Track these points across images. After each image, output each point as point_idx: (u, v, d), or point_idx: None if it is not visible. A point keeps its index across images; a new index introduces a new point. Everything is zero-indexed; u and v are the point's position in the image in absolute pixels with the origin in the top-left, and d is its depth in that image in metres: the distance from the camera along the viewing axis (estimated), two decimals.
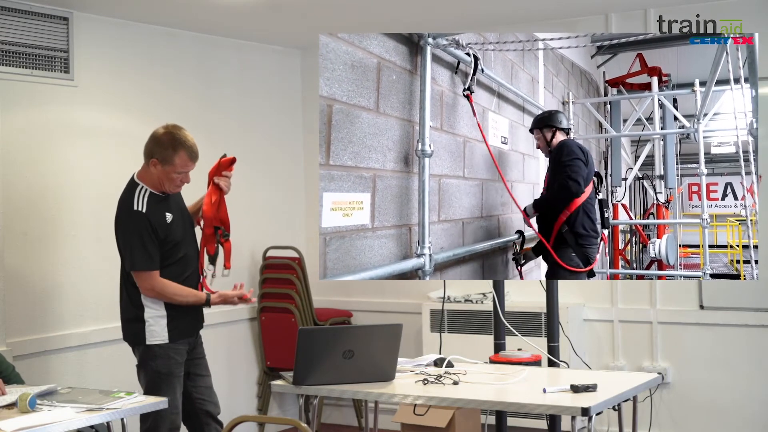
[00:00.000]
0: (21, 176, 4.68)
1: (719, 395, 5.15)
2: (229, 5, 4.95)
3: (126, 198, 3.89)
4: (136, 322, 3.88)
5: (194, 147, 3.89)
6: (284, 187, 6.32)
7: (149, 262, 3.83)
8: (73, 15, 4.87)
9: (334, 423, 6.27)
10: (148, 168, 3.89)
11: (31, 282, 4.72)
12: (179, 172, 3.87)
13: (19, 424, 2.98)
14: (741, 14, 4.62)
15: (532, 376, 3.68)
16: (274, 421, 6.28)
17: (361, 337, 3.60)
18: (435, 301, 5.66)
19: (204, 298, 3.93)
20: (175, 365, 3.90)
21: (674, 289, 5.28)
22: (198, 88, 5.66)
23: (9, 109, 4.63)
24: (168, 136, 3.86)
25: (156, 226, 3.84)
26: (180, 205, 4.07)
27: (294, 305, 5.85)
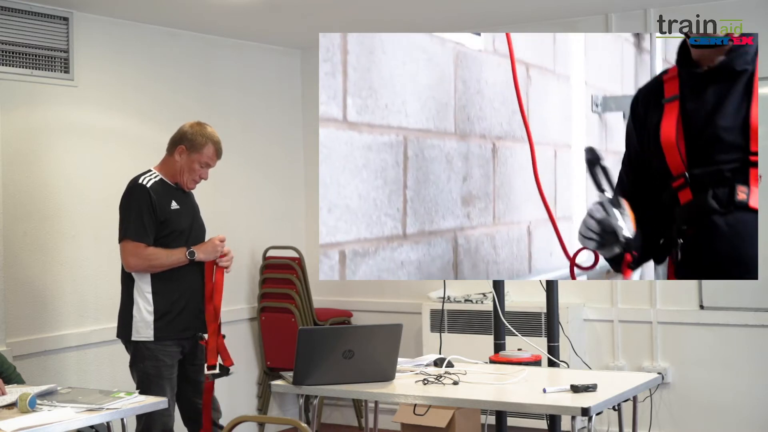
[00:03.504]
0: (21, 176, 4.68)
1: (719, 395, 5.15)
2: (229, 5, 4.95)
3: (133, 178, 3.94)
4: (126, 315, 3.89)
5: (221, 143, 4.02)
6: (284, 187, 6.32)
7: (143, 234, 3.82)
8: (73, 15, 4.87)
9: (334, 423, 6.27)
10: (171, 158, 3.96)
11: (31, 282, 4.72)
12: (203, 163, 3.94)
13: (19, 424, 2.98)
14: (741, 14, 4.61)
15: (532, 376, 3.68)
16: (274, 421, 6.28)
17: (361, 337, 3.60)
18: (435, 301, 5.66)
19: (185, 251, 3.88)
20: (164, 367, 3.88)
21: (674, 289, 5.28)
22: (198, 88, 5.66)
23: (9, 109, 4.63)
24: (199, 127, 3.99)
25: (157, 204, 3.85)
26: (194, 206, 4.07)
27: (294, 305, 5.85)
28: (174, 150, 3.95)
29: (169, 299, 3.89)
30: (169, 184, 3.95)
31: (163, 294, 3.88)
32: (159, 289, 3.88)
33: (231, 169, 5.85)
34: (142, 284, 3.88)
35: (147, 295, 3.86)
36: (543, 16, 5.47)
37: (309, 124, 6.37)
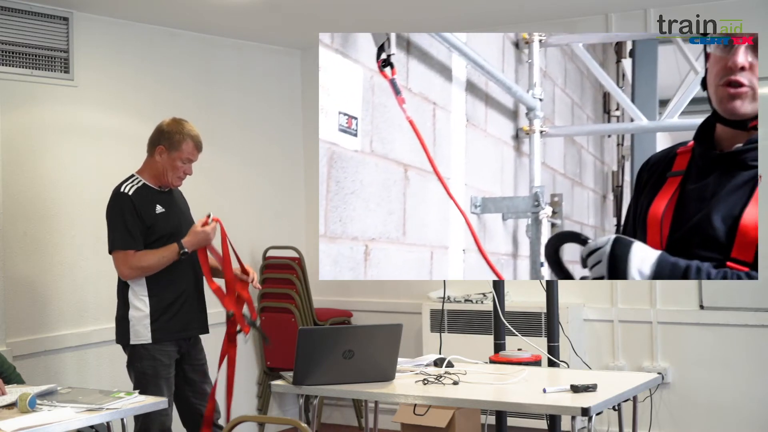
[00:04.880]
0: (21, 176, 4.68)
1: (719, 395, 5.15)
2: (229, 5, 4.95)
3: (115, 186, 3.93)
4: (123, 321, 3.88)
5: (199, 137, 3.98)
6: (284, 187, 6.32)
7: (130, 241, 3.82)
8: (73, 15, 4.87)
9: (334, 423, 6.27)
10: (152, 158, 3.94)
11: (31, 282, 4.72)
12: (185, 160, 3.92)
13: (19, 424, 2.98)
14: (741, 14, 4.62)
15: (532, 376, 3.68)
16: (274, 421, 6.28)
17: (361, 337, 3.60)
18: (435, 301, 5.66)
19: (176, 248, 3.85)
20: (161, 367, 3.87)
21: (674, 289, 5.28)
22: (198, 88, 5.66)
23: (9, 109, 4.63)
24: (175, 125, 3.95)
25: (141, 210, 3.84)
26: (180, 205, 4.07)
27: (294, 305, 5.85)
28: (154, 151, 3.93)
29: (166, 301, 3.89)
30: (151, 187, 3.93)
31: (159, 296, 3.88)
32: (155, 292, 3.87)
33: (231, 169, 5.86)
34: (138, 288, 3.87)
35: (143, 298, 3.86)
36: (543, 16, 5.47)
37: (309, 124, 6.37)
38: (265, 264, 6.01)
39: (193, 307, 3.97)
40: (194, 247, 3.88)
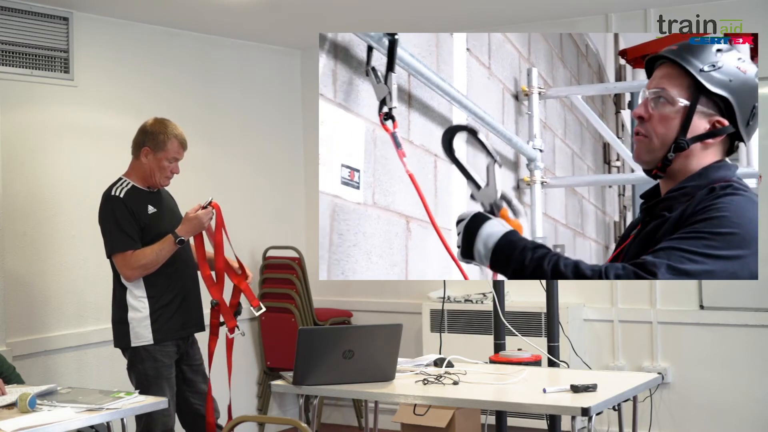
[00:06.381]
0: (21, 176, 4.68)
1: (719, 395, 5.15)
2: (229, 5, 4.95)
3: (105, 191, 3.94)
4: (121, 324, 3.88)
5: (183, 135, 3.98)
6: (284, 187, 6.32)
7: (129, 242, 3.82)
8: (73, 15, 4.87)
9: (334, 423, 6.27)
10: (138, 160, 3.94)
11: (31, 282, 4.72)
12: (171, 159, 3.92)
13: (19, 424, 2.98)
14: (741, 14, 4.63)
15: (532, 376, 3.68)
16: (274, 421, 6.28)
17: (361, 337, 3.60)
18: (435, 301, 5.66)
19: (171, 239, 3.84)
20: (162, 367, 3.87)
21: (674, 289, 5.28)
22: (198, 88, 5.66)
23: (9, 109, 4.63)
24: (158, 125, 3.95)
25: (134, 211, 3.85)
26: (169, 204, 4.08)
27: (294, 305, 5.85)
28: (139, 152, 3.93)
29: (164, 300, 3.89)
30: (141, 189, 3.93)
31: (157, 296, 3.88)
32: (153, 292, 3.87)
33: (231, 169, 5.86)
34: (135, 289, 3.86)
35: (142, 300, 3.86)
36: (543, 16, 5.47)
37: (309, 124, 6.37)
38: (265, 264, 6.01)
39: (190, 305, 3.98)
40: (189, 233, 3.88)
